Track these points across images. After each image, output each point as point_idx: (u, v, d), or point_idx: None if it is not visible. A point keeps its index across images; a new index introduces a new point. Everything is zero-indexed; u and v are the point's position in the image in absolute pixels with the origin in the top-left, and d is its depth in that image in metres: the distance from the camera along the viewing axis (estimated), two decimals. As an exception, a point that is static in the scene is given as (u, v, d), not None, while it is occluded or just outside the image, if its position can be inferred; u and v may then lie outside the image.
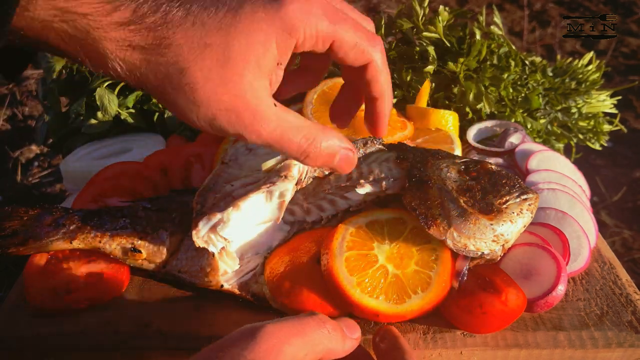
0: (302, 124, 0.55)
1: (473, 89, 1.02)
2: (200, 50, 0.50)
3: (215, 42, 0.50)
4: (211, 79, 0.50)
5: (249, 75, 0.51)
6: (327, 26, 0.52)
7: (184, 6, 0.50)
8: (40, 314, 0.68)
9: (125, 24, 0.49)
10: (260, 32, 0.51)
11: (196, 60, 0.50)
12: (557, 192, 0.82)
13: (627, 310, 0.70)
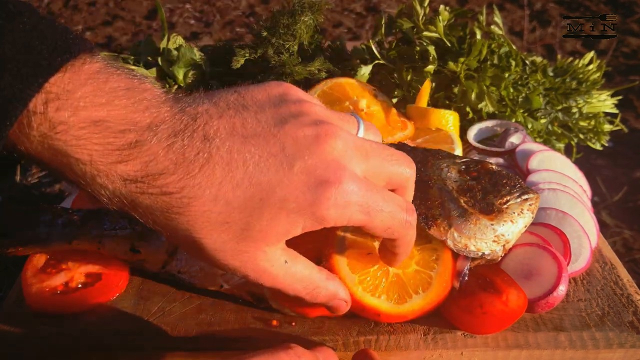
0: (307, 276, 0.55)
1: (475, 89, 1.01)
2: (217, 226, 0.47)
3: (236, 221, 0.47)
4: (223, 250, 0.48)
5: (264, 247, 0.50)
6: (360, 218, 0.51)
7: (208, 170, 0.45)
8: (40, 314, 0.68)
9: (129, 180, 0.43)
10: (288, 219, 0.48)
11: (210, 234, 0.47)
12: (558, 192, 0.82)
13: (628, 310, 0.70)
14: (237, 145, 0.46)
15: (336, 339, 0.65)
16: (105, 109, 0.42)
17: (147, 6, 3.01)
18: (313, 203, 0.48)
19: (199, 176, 0.45)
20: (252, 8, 3.06)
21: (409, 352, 0.65)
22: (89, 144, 0.42)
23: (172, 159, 0.44)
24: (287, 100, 0.52)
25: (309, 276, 0.55)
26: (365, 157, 0.52)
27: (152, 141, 0.43)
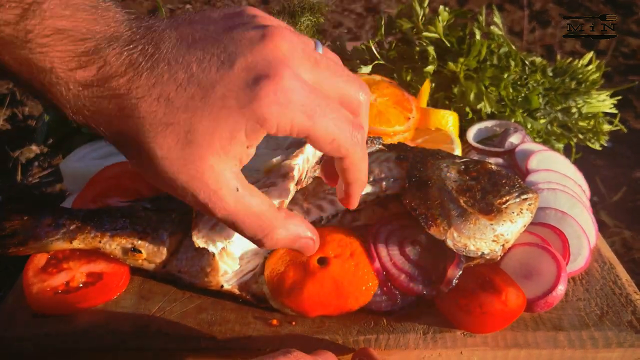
0: (262, 212, 0.53)
1: (474, 89, 1.02)
2: (162, 128, 0.47)
3: (179, 122, 0.48)
4: (170, 158, 0.48)
5: (212, 159, 0.49)
6: (303, 121, 0.49)
7: (154, 71, 0.47)
8: (40, 314, 0.68)
9: (87, 85, 0.47)
10: (229, 119, 0.48)
11: (156, 138, 0.48)
12: (557, 192, 0.82)
13: (627, 310, 0.70)
14: (183, 49, 0.49)
15: (336, 339, 0.66)
16: (69, 19, 0.46)
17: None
18: (253, 99, 0.47)
19: (145, 76, 0.47)
20: (252, 8, 3.05)
21: (409, 351, 0.65)
22: (51, 51, 0.46)
23: (124, 62, 0.47)
24: (242, 14, 0.53)
25: (265, 212, 0.53)
26: (315, 65, 0.51)
27: (108, 48, 0.47)
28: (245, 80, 0.48)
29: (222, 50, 0.49)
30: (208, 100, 0.48)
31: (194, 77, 0.48)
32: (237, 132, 0.48)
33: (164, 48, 0.48)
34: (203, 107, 0.48)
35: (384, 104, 0.94)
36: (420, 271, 0.69)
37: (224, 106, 0.48)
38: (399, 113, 0.93)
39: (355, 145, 0.53)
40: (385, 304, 0.68)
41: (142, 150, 0.49)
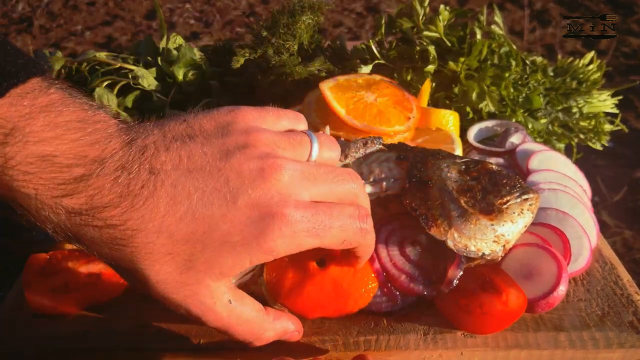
0: (252, 318, 0.55)
1: (476, 88, 1.01)
2: (160, 257, 0.47)
3: (178, 252, 0.47)
4: (166, 282, 0.48)
5: (208, 280, 0.50)
6: (311, 242, 0.52)
7: (151, 202, 0.45)
8: (40, 314, 0.68)
9: (75, 213, 0.44)
10: (233, 252, 0.48)
11: (153, 265, 0.47)
12: (558, 192, 0.82)
13: (628, 310, 0.70)
14: (182, 178, 0.47)
15: (336, 339, 0.66)
16: (55, 143, 0.43)
17: (147, 6, 3.01)
18: (258, 236, 0.48)
19: (143, 209, 0.45)
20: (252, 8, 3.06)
21: (409, 352, 0.65)
22: (35, 179, 0.42)
23: (117, 191, 0.44)
24: (235, 130, 0.52)
25: (255, 318, 0.55)
26: (314, 182, 0.53)
27: (98, 174, 0.44)
28: (250, 218, 0.48)
29: (223, 183, 0.48)
30: (211, 235, 0.47)
31: (196, 212, 0.47)
32: (240, 263, 0.50)
33: (161, 175, 0.46)
34: (204, 241, 0.48)
35: (384, 104, 0.94)
36: (420, 272, 0.68)
37: (227, 241, 0.48)
38: (399, 113, 0.93)
39: (365, 236, 0.57)
40: (385, 305, 0.68)
41: (136, 273, 0.48)
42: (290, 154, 0.54)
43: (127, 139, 0.47)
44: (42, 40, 2.73)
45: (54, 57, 1.06)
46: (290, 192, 0.51)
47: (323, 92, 0.93)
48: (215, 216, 0.47)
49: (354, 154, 0.78)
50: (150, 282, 0.48)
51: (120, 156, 0.45)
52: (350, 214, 0.55)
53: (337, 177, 0.56)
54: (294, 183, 0.51)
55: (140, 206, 0.45)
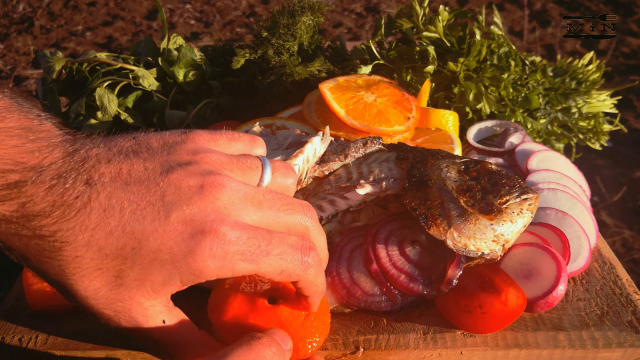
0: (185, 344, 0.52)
1: (473, 89, 1.02)
2: (88, 272, 0.45)
3: (107, 267, 0.46)
4: (95, 298, 0.47)
5: (140, 297, 0.48)
6: (245, 266, 0.48)
7: (83, 214, 0.44)
8: (40, 314, 0.68)
9: (5, 220, 0.42)
10: (162, 271, 0.46)
11: (81, 280, 0.46)
12: (557, 192, 0.82)
13: (627, 310, 0.70)
14: (117, 191, 0.46)
15: (336, 338, 0.66)
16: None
17: (147, 6, 3.01)
18: (187, 254, 0.46)
19: (74, 220, 0.44)
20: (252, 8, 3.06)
21: (409, 352, 0.65)
22: None
23: (50, 201, 0.43)
24: (182, 149, 0.51)
25: (190, 343, 0.53)
26: (258, 207, 0.51)
27: (34, 182, 0.43)
28: (180, 234, 0.46)
29: (159, 198, 0.46)
30: (140, 251, 0.46)
31: (127, 226, 0.45)
32: (171, 281, 0.47)
33: (97, 187, 0.45)
34: (134, 257, 0.46)
35: (384, 104, 0.94)
36: (420, 271, 0.69)
37: (156, 259, 0.46)
38: (398, 113, 0.93)
39: (307, 270, 0.52)
40: (385, 304, 0.68)
41: (65, 288, 0.47)
42: (238, 176, 0.51)
43: (70, 150, 0.46)
44: (42, 41, 2.73)
45: (55, 58, 1.06)
46: (229, 212, 0.48)
47: (323, 92, 0.93)
48: (145, 231, 0.45)
49: (354, 154, 0.78)
50: (80, 296, 0.47)
51: (59, 165, 0.44)
52: (292, 244, 0.51)
53: (286, 205, 0.52)
54: (234, 204, 0.49)
55: (72, 217, 0.44)
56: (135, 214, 0.45)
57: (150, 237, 0.45)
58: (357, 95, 0.95)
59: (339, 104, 0.92)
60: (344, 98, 0.93)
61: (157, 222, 0.46)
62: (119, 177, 0.46)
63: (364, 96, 0.95)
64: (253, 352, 0.49)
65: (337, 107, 0.91)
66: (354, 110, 0.92)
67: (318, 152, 0.76)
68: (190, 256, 0.46)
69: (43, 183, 0.43)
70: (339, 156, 0.77)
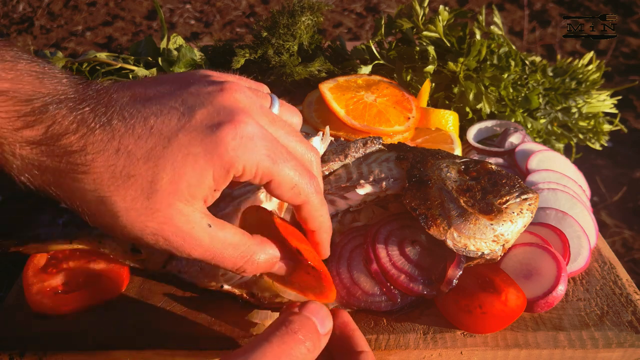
0: (238, 242, 0.53)
1: (473, 89, 1.02)
2: (123, 180, 0.46)
3: (141, 173, 0.46)
4: (135, 208, 0.47)
5: (179, 204, 0.48)
6: (267, 165, 0.50)
7: (108, 127, 0.46)
8: (40, 314, 0.68)
9: (35, 143, 0.45)
10: (195, 166, 0.48)
11: (118, 190, 0.46)
12: (557, 192, 0.82)
13: (627, 310, 0.70)
14: (138, 106, 0.48)
15: (336, 339, 0.66)
16: (13, 82, 0.44)
17: (147, 6, 3.01)
18: (218, 144, 0.47)
19: (100, 133, 0.46)
20: (252, 8, 3.06)
21: (409, 351, 0.65)
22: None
23: (75, 120, 0.45)
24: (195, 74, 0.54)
25: (240, 242, 0.53)
26: (272, 122, 0.53)
27: (56, 107, 0.45)
28: (207, 126, 0.48)
29: (181, 103, 0.49)
30: (172, 148, 0.47)
31: (154, 129, 0.47)
32: (204, 178, 0.48)
33: (116, 106, 0.47)
34: (166, 156, 0.47)
35: (384, 104, 0.94)
36: (420, 271, 0.69)
37: (189, 153, 0.47)
38: (398, 113, 0.93)
39: (314, 193, 0.55)
40: (385, 304, 0.68)
41: (102, 204, 0.47)
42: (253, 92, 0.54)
43: (85, 84, 0.48)
44: (42, 41, 2.73)
45: (55, 58, 1.06)
46: (250, 111, 0.50)
47: (323, 92, 0.93)
48: (173, 130, 0.47)
49: (354, 154, 0.78)
50: (119, 210, 0.47)
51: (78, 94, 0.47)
52: (304, 166, 0.54)
53: (295, 133, 0.55)
54: (252, 108, 0.51)
55: (97, 131, 0.46)
56: (160, 118, 0.47)
57: (179, 133, 0.47)
58: (357, 95, 0.95)
59: (338, 103, 0.92)
60: (344, 98, 0.93)
61: (183, 120, 0.48)
62: (137, 97, 0.49)
63: (364, 96, 0.95)
64: (286, 349, 0.48)
65: (337, 107, 0.91)
66: (354, 110, 0.92)
67: (320, 148, 0.76)
68: (221, 146, 0.47)
69: (66, 107, 0.45)
70: (339, 156, 0.77)
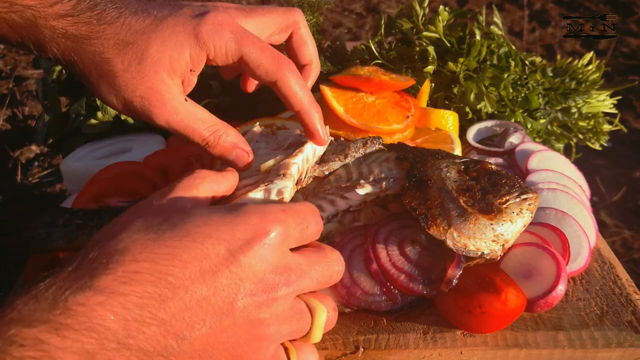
0: (208, 118, 0.64)
1: (474, 89, 1.02)
2: (124, 46, 0.59)
3: (137, 42, 0.60)
4: (129, 70, 0.60)
5: (163, 74, 0.61)
6: (234, 46, 0.62)
7: (118, 9, 0.60)
8: (41, 314, 0.68)
9: (63, 15, 0.58)
10: (177, 41, 0.60)
11: (119, 53, 0.59)
12: (557, 192, 0.82)
13: (627, 310, 0.70)
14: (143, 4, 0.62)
15: (336, 338, 0.66)
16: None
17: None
18: (195, 26, 0.61)
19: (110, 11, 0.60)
20: (252, 8, 3.05)
21: (409, 351, 0.65)
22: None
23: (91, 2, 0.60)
24: None
25: (210, 119, 0.64)
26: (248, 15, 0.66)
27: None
28: (191, 15, 0.62)
29: (172, 7, 0.63)
30: (162, 26, 0.61)
31: (150, 14, 0.61)
32: (182, 52, 0.61)
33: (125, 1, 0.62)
34: (157, 31, 0.60)
35: (383, 105, 0.95)
36: (420, 271, 0.69)
37: (174, 31, 0.61)
38: (397, 113, 0.94)
39: (283, 71, 0.64)
40: (385, 304, 0.68)
41: (106, 64, 0.60)
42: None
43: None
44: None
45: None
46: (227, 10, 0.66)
47: (323, 91, 0.93)
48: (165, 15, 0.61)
49: (353, 154, 0.78)
50: (118, 71, 0.60)
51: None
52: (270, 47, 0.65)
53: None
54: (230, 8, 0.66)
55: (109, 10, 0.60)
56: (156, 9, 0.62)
57: (169, 17, 0.61)
58: (357, 96, 0.95)
59: (338, 102, 0.92)
60: (344, 97, 0.93)
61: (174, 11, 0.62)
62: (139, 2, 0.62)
63: (363, 96, 0.95)
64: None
65: (336, 105, 0.91)
66: (353, 109, 0.92)
67: (318, 152, 0.76)
68: (198, 27, 0.61)
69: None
70: (339, 156, 0.77)
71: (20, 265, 0.73)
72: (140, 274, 0.41)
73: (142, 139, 1.02)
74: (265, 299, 0.47)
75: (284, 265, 0.49)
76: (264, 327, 0.48)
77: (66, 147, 1.06)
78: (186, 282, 0.42)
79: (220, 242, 0.45)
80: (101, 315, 0.38)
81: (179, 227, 0.45)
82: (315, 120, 0.69)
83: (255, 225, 0.47)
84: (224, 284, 0.45)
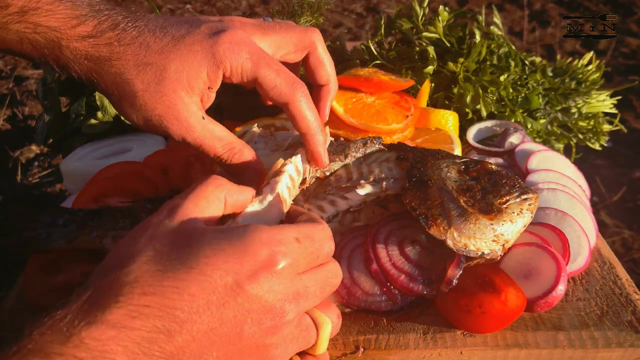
0: (225, 137, 0.65)
1: (471, 91, 1.02)
2: (143, 66, 0.61)
3: (156, 62, 0.61)
4: (149, 90, 0.61)
5: (181, 92, 0.62)
6: (250, 67, 0.62)
7: (138, 28, 0.61)
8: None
9: (86, 37, 0.60)
10: (194, 60, 0.61)
11: (138, 74, 0.61)
12: (557, 192, 0.82)
13: (626, 310, 0.70)
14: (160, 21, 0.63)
15: (336, 338, 0.66)
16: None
17: (147, 6, 3.01)
18: (212, 45, 0.61)
19: (130, 31, 0.61)
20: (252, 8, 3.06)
21: (409, 351, 0.65)
22: (57, 14, 0.59)
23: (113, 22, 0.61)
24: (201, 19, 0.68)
25: (226, 137, 0.65)
26: (265, 33, 0.66)
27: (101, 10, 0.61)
28: (208, 34, 0.62)
29: (190, 23, 0.64)
30: (179, 45, 0.61)
31: (168, 33, 0.62)
32: (200, 71, 0.61)
33: (142, 17, 0.63)
34: (175, 51, 0.61)
35: (383, 105, 0.95)
36: (420, 271, 0.69)
37: (191, 50, 0.61)
38: (397, 113, 0.94)
39: (296, 94, 0.65)
40: (385, 304, 0.68)
41: (126, 85, 0.61)
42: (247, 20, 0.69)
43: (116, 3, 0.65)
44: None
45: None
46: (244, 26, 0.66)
47: None
48: (183, 34, 0.62)
49: (354, 154, 0.78)
50: (138, 91, 0.61)
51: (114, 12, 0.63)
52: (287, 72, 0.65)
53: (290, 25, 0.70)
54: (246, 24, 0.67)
55: (129, 30, 0.61)
56: (174, 27, 0.63)
57: (187, 36, 0.62)
58: (357, 96, 0.95)
59: (338, 102, 0.92)
60: (344, 97, 0.94)
61: (191, 29, 0.63)
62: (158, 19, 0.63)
63: (363, 97, 0.95)
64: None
65: (336, 104, 0.91)
66: (353, 109, 0.92)
67: (301, 167, 0.73)
68: (215, 46, 0.61)
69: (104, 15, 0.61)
70: (339, 156, 0.77)
71: (20, 265, 0.73)
72: (149, 307, 0.43)
73: (142, 139, 1.02)
74: (273, 325, 0.48)
75: (293, 292, 0.49)
76: (272, 349, 0.49)
77: (66, 147, 1.06)
78: (194, 315, 0.44)
79: (229, 274, 0.46)
80: (113, 350, 0.40)
81: (188, 258, 0.46)
82: (319, 144, 0.69)
83: (264, 257, 0.48)
84: (231, 316, 0.46)
